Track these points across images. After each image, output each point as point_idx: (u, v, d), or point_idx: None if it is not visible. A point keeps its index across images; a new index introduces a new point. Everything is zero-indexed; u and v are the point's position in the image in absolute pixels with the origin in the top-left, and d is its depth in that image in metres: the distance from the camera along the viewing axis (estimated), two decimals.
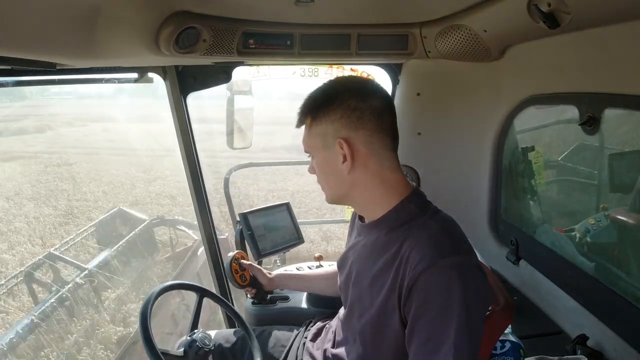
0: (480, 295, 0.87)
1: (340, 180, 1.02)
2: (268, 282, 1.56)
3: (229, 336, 1.44)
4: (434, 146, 1.99)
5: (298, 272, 1.63)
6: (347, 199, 1.07)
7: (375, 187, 1.00)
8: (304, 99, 1.07)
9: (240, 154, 3.22)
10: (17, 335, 3.41)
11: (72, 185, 10.51)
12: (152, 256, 5.49)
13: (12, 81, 1.36)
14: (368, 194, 1.01)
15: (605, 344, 1.32)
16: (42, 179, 11.00)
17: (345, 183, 1.02)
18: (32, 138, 14.77)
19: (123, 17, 1.12)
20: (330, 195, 1.09)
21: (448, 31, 1.53)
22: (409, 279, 0.87)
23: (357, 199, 1.05)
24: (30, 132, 15.34)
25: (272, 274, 1.58)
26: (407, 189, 1.02)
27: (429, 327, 0.84)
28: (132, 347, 3.78)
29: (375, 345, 0.99)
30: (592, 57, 1.28)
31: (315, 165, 1.07)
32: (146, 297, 1.19)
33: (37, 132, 15.51)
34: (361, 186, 1.01)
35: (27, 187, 10.32)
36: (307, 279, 1.57)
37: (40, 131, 15.69)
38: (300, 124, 1.07)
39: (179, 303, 4.14)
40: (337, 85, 1.04)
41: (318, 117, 1.01)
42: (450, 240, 0.90)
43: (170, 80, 1.80)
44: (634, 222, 1.31)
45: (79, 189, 10.30)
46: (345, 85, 1.04)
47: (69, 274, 4.49)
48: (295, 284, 1.59)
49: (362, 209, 1.08)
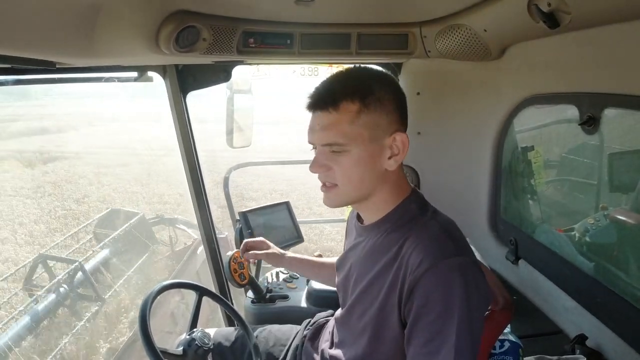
0: (481, 295, 0.87)
1: (372, 178, 0.95)
2: (278, 259, 1.46)
3: (229, 335, 1.43)
4: (433, 146, 1.99)
5: (309, 257, 1.55)
6: (364, 199, 0.98)
7: (388, 187, 0.98)
8: (342, 78, 0.95)
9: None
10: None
11: (140, 187, 10.10)
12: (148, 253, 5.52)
13: (12, 80, 1.36)
14: (382, 194, 0.98)
15: (605, 344, 1.32)
16: (103, 180, 10.64)
17: (376, 182, 0.95)
18: (58, 137, 14.62)
19: (123, 16, 1.12)
20: (349, 196, 0.97)
21: (448, 31, 1.53)
22: (410, 279, 0.86)
23: (373, 199, 0.98)
24: (53, 131, 15.19)
25: (285, 253, 1.48)
26: (407, 188, 1.01)
27: (430, 327, 0.83)
28: (131, 345, 3.78)
29: (374, 346, 0.98)
30: (592, 57, 1.28)
31: (346, 160, 0.92)
32: (145, 296, 1.19)
33: (59, 131, 15.37)
34: (384, 185, 0.97)
35: (104, 191, 9.78)
36: (317, 266, 1.48)
37: (63, 131, 15.55)
38: (332, 108, 0.90)
39: (179, 302, 4.14)
40: (382, 72, 0.96)
41: (371, 104, 0.91)
42: (452, 241, 0.89)
43: (170, 79, 1.80)
44: (634, 221, 1.30)
45: (151, 190, 9.91)
46: (387, 74, 1.00)
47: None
48: (303, 268, 1.50)
49: (368, 209, 1.02)
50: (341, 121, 0.90)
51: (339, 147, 0.92)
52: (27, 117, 16.40)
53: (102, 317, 4.58)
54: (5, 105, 16.99)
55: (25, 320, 3.86)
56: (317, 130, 0.94)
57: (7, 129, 15.07)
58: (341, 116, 0.90)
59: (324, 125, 0.92)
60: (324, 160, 0.95)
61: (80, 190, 10.05)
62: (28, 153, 12.92)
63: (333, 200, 0.99)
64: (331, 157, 0.94)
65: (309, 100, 0.95)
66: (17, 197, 9.62)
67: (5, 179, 11.01)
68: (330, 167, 0.95)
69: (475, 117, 1.90)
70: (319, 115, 0.93)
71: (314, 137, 0.96)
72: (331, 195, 0.98)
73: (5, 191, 10.07)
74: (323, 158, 0.95)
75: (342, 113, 0.90)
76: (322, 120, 0.92)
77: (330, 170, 0.95)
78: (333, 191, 0.97)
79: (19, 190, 10.09)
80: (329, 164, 0.94)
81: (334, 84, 0.94)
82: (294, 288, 1.73)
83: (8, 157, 12.61)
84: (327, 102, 0.91)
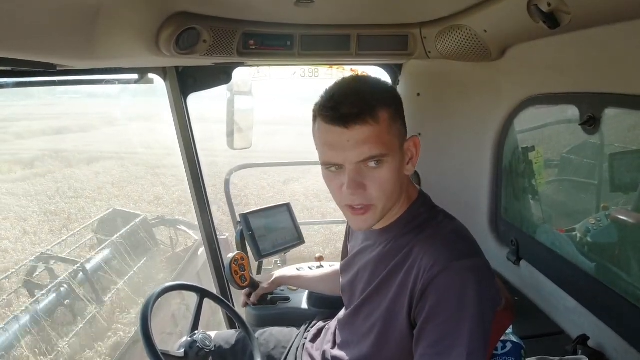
0: (492, 296, 0.87)
1: (400, 186, 0.91)
2: (270, 285, 1.62)
3: (229, 337, 1.44)
4: (434, 146, 1.99)
5: (298, 272, 1.64)
6: (390, 210, 0.94)
7: (402, 192, 0.96)
8: (365, 87, 0.88)
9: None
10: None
11: (211, 188, 9.63)
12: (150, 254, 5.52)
13: (12, 82, 1.36)
14: (396, 198, 0.94)
15: (606, 345, 1.31)
16: (157, 181, 10.34)
17: (400, 190, 0.93)
18: (82, 137, 14.56)
19: (123, 18, 1.12)
20: (384, 212, 0.91)
21: (448, 31, 1.53)
22: (423, 281, 0.86)
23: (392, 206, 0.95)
24: (74, 131, 15.20)
25: (273, 274, 1.62)
26: (415, 191, 1.01)
27: (442, 328, 0.83)
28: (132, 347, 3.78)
29: (379, 347, 0.98)
30: (592, 57, 1.28)
31: (384, 172, 0.86)
32: (147, 298, 1.19)
33: (81, 131, 15.37)
34: (401, 192, 0.95)
35: (174, 193, 9.33)
36: (307, 280, 1.60)
37: (85, 130, 15.55)
38: (371, 118, 0.83)
39: (179, 304, 4.15)
40: (383, 80, 0.94)
41: (399, 111, 0.89)
42: (464, 242, 0.89)
43: (170, 81, 1.80)
44: (635, 221, 1.30)
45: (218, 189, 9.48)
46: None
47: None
48: (295, 283, 1.64)
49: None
50: (381, 131, 0.84)
51: (379, 159, 0.85)
52: (35, 116, 16.36)
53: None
54: (14, 103, 17.01)
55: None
56: (350, 146, 0.84)
57: (29, 128, 15.02)
58: (380, 126, 0.84)
59: (363, 139, 0.83)
60: (361, 178, 0.86)
61: (148, 192, 9.77)
62: (65, 153, 12.82)
63: (370, 223, 0.92)
64: (368, 172, 0.86)
65: (332, 114, 0.84)
66: (81, 198, 9.27)
67: (55, 179, 10.77)
68: (367, 185, 0.87)
69: (476, 117, 1.90)
70: (352, 129, 0.83)
71: (345, 155, 0.85)
72: (368, 217, 0.90)
73: (64, 192, 9.74)
74: (360, 176, 0.86)
75: (381, 122, 0.84)
76: (359, 134, 0.83)
77: (367, 188, 0.87)
78: (370, 212, 0.89)
79: (80, 192, 9.75)
80: (366, 182, 0.86)
81: (361, 93, 0.85)
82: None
83: (44, 156, 12.50)
84: (364, 112, 0.83)
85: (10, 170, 11.68)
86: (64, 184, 10.36)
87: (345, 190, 0.86)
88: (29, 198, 9.50)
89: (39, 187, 10.29)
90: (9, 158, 12.58)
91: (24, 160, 12.28)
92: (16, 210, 8.80)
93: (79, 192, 9.82)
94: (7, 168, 11.80)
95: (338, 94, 0.86)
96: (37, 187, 10.33)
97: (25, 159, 12.36)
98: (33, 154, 12.75)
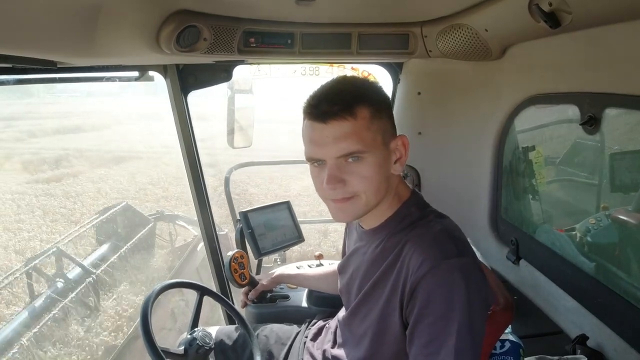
0: (482, 296, 0.87)
1: (386, 184, 0.93)
2: (269, 282, 1.61)
3: (231, 332, 1.44)
4: (434, 145, 1.99)
5: (298, 270, 1.64)
6: (376, 206, 0.95)
7: (392, 191, 0.98)
8: (345, 86, 0.91)
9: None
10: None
11: (256, 189, 9.10)
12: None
13: (13, 79, 1.36)
14: (387, 199, 0.97)
15: (606, 344, 1.32)
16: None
17: (387, 187, 0.94)
18: (98, 136, 14.40)
19: (124, 16, 1.12)
20: (368, 204, 0.93)
21: (449, 30, 1.53)
22: (411, 281, 0.86)
23: (379, 206, 0.96)
24: (87, 130, 15.10)
25: (273, 273, 1.62)
26: (407, 190, 1.02)
27: (431, 328, 0.83)
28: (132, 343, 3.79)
29: (376, 348, 0.99)
30: (593, 57, 1.28)
31: (365, 167, 0.89)
32: (147, 296, 1.19)
33: (94, 130, 15.27)
34: (389, 190, 0.97)
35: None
36: (306, 278, 1.59)
37: (97, 129, 15.45)
38: (349, 115, 0.86)
39: (178, 300, 4.15)
40: (373, 81, 0.98)
41: (381, 109, 0.91)
42: (453, 242, 0.89)
43: (171, 78, 1.80)
44: (635, 221, 1.30)
45: (266, 188, 9.15)
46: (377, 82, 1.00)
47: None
48: (295, 281, 1.63)
49: (372, 215, 0.99)
50: (359, 127, 0.87)
51: (358, 155, 0.88)
52: (42, 114, 16.22)
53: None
54: (15, 102, 16.88)
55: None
56: (330, 142, 0.87)
57: (40, 126, 14.84)
58: (358, 122, 0.87)
59: (340, 135, 0.86)
60: (340, 173, 0.89)
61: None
62: (88, 152, 12.59)
63: (351, 212, 0.94)
64: (348, 167, 0.89)
65: (314, 111, 0.89)
66: (128, 199, 8.51)
67: (91, 179, 10.49)
68: (346, 180, 0.89)
69: (476, 116, 1.90)
70: (331, 125, 0.87)
71: (325, 150, 0.89)
72: (349, 206, 0.92)
73: (107, 193, 9.47)
74: (339, 171, 0.89)
75: (359, 119, 0.87)
76: (337, 130, 0.87)
77: (347, 183, 0.90)
78: (351, 202, 0.91)
79: (124, 192, 9.47)
80: (345, 176, 0.89)
81: (341, 92, 0.89)
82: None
83: (68, 156, 12.30)
84: (341, 109, 0.86)
85: (37, 169, 11.37)
86: (103, 185, 10.14)
87: (325, 185, 0.90)
88: (70, 199, 9.20)
89: (76, 188, 10.00)
90: (30, 157, 12.32)
91: (48, 160, 12.07)
92: (63, 213, 8.49)
93: (123, 192, 9.56)
94: (34, 168, 11.51)
95: (321, 93, 0.91)
96: (74, 187, 10.06)
97: (48, 158, 12.16)
98: (56, 153, 12.57)
